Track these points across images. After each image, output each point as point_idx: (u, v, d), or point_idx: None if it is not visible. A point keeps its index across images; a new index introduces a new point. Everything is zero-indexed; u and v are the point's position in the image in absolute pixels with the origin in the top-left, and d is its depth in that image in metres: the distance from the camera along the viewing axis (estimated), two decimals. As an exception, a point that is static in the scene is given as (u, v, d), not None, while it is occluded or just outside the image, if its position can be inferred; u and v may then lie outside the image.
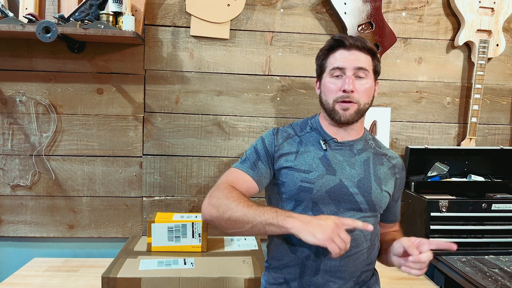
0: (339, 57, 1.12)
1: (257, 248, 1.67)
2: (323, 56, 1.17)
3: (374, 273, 1.24)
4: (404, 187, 1.29)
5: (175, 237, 1.61)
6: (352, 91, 1.10)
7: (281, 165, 1.15)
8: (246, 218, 1.00)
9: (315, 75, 1.57)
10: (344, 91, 1.10)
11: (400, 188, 1.25)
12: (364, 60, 1.12)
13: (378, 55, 1.20)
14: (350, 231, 1.08)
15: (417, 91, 1.90)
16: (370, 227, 1.00)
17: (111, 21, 1.59)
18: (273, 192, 1.20)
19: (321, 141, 1.17)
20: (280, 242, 1.16)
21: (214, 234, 1.87)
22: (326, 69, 1.16)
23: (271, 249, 1.21)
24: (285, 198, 1.15)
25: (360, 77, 1.12)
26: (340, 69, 1.12)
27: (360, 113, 1.14)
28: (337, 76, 1.13)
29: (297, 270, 1.14)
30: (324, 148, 1.15)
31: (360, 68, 1.11)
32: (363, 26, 1.79)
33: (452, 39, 1.89)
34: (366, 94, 1.13)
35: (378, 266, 1.23)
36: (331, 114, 1.14)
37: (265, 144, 1.19)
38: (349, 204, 1.12)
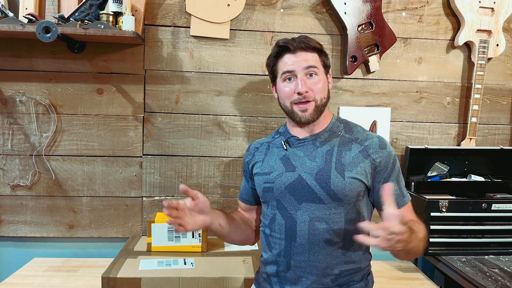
0: (287, 61, 1.17)
1: (257, 248, 1.67)
2: (272, 63, 1.23)
3: (366, 277, 1.21)
4: (395, 165, 1.17)
5: (175, 237, 1.61)
6: (306, 92, 1.15)
7: (254, 173, 1.27)
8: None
9: (315, 64, 1.54)
10: (299, 93, 1.15)
11: (385, 167, 1.16)
12: (311, 58, 1.17)
13: (324, 50, 1.23)
14: (315, 227, 1.12)
15: (417, 91, 1.90)
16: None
17: (111, 21, 1.59)
18: None
19: (282, 142, 1.24)
20: (263, 237, 1.25)
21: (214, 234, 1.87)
22: (278, 75, 1.21)
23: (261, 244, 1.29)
24: (261, 201, 1.27)
25: (311, 75, 1.16)
26: (290, 72, 1.17)
27: (319, 109, 1.18)
28: (289, 79, 1.18)
29: (274, 266, 1.19)
30: (285, 148, 1.22)
31: (309, 67, 1.16)
32: (363, 26, 1.79)
33: (452, 39, 1.89)
34: (321, 90, 1.17)
35: (378, 266, 1.23)
36: (292, 116, 1.21)
37: (244, 163, 1.34)
38: (309, 197, 1.14)
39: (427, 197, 1.68)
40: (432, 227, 1.66)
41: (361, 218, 1.16)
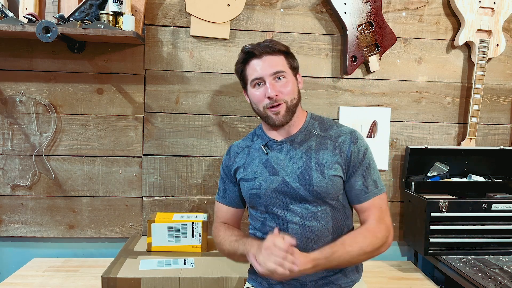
0: (255, 67, 1.19)
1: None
2: (240, 69, 1.25)
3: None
4: (364, 159, 1.19)
5: (175, 237, 1.61)
6: (276, 95, 1.17)
7: (237, 178, 1.29)
8: (230, 254, 1.24)
9: (315, 75, 1.55)
10: (269, 97, 1.17)
11: (355, 162, 1.18)
12: (277, 62, 1.19)
13: (291, 52, 1.24)
14: (306, 225, 1.16)
15: (417, 91, 1.90)
16: (290, 243, 1.03)
17: (111, 21, 1.59)
18: None
19: (261, 146, 1.26)
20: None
21: (214, 234, 1.87)
22: (247, 81, 1.24)
23: None
24: (249, 206, 1.30)
25: (279, 78, 1.19)
26: (259, 78, 1.19)
27: (291, 110, 1.20)
28: (258, 84, 1.20)
29: None
30: (265, 152, 1.24)
31: (276, 73, 1.18)
32: (363, 26, 1.79)
33: (452, 39, 1.89)
34: (290, 91, 1.19)
35: (378, 266, 1.23)
36: (266, 120, 1.23)
37: (223, 168, 1.35)
38: (295, 199, 1.18)
39: (427, 197, 1.68)
40: (432, 227, 1.66)
41: (346, 211, 1.23)
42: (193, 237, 1.61)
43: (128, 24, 1.57)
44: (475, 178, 1.85)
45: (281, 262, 1.00)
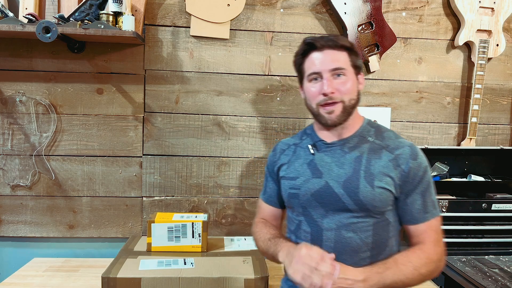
0: (314, 61, 1.12)
1: (257, 248, 1.67)
2: (299, 62, 1.17)
3: None
4: (424, 178, 1.09)
5: (175, 237, 1.61)
6: (332, 92, 1.09)
7: (280, 175, 1.23)
8: (264, 252, 1.20)
9: (342, 65, 1.52)
10: (324, 94, 1.09)
11: (413, 179, 1.09)
12: (338, 58, 1.11)
13: (355, 49, 1.16)
14: (342, 235, 1.08)
15: (417, 91, 1.90)
16: (336, 269, 0.97)
17: (111, 21, 1.59)
18: None
19: (309, 145, 1.19)
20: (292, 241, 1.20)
21: (214, 234, 1.87)
22: (304, 75, 1.16)
23: None
24: (286, 206, 1.24)
25: (338, 75, 1.10)
26: (316, 73, 1.11)
27: (347, 111, 1.12)
28: (315, 79, 1.12)
29: None
30: (312, 152, 1.17)
31: (335, 69, 1.10)
32: (363, 26, 1.79)
33: (452, 39, 1.89)
34: (349, 91, 1.11)
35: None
36: (318, 119, 1.16)
37: (267, 164, 1.30)
38: (336, 206, 1.10)
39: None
40: (432, 227, 1.65)
41: (391, 228, 1.12)
42: (193, 237, 1.61)
43: (128, 24, 1.57)
44: (475, 178, 1.85)
45: (314, 271, 0.95)
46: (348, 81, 1.11)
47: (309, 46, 1.13)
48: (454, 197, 1.75)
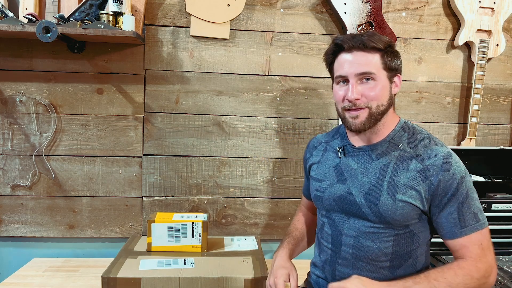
0: (342, 63, 1.06)
1: (257, 248, 1.67)
2: (329, 61, 1.12)
3: None
4: (459, 190, 1.01)
5: (175, 237, 1.61)
6: (357, 99, 1.03)
7: (310, 174, 1.25)
8: None
9: (315, 75, 1.52)
10: (349, 100, 1.04)
11: (444, 192, 1.01)
12: (368, 61, 1.04)
13: (392, 49, 1.09)
14: (361, 243, 1.07)
15: (417, 91, 1.90)
16: None
17: (111, 21, 1.59)
18: None
19: (337, 148, 1.16)
20: (316, 240, 1.25)
21: (214, 234, 1.87)
22: (334, 75, 1.11)
23: None
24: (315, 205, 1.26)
25: (367, 80, 1.04)
26: (343, 76, 1.06)
27: (374, 118, 1.05)
28: (343, 82, 1.08)
29: (321, 272, 1.19)
30: (339, 155, 1.14)
31: (362, 73, 1.04)
32: (363, 26, 1.79)
33: (452, 39, 1.89)
34: (377, 96, 1.04)
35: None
36: (344, 123, 1.11)
37: (303, 159, 1.33)
38: (356, 214, 1.08)
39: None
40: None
41: (416, 239, 1.07)
42: (193, 237, 1.61)
43: (128, 24, 1.57)
44: (475, 178, 1.85)
45: None
46: (377, 86, 1.04)
47: (338, 47, 1.08)
48: (454, 197, 1.75)
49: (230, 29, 1.79)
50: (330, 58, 1.11)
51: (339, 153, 1.14)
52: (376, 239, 1.06)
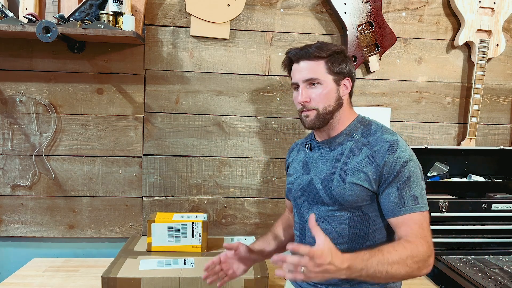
0: (294, 72, 1.20)
1: None
2: (288, 70, 1.26)
3: (385, 285, 1.15)
4: (401, 172, 1.08)
5: (175, 237, 1.61)
6: (306, 101, 1.16)
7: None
8: None
9: (314, 75, 1.49)
10: (300, 103, 1.18)
11: (389, 173, 1.09)
12: (313, 69, 1.16)
13: (340, 55, 1.17)
14: (321, 228, 1.05)
15: (417, 91, 1.90)
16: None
17: (111, 21, 1.59)
18: None
19: (306, 144, 1.28)
20: None
21: (214, 234, 1.87)
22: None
23: None
24: None
25: (313, 84, 1.17)
26: (295, 83, 1.20)
27: (322, 117, 1.17)
28: (296, 88, 1.20)
29: None
30: (307, 151, 1.27)
31: (308, 80, 1.16)
32: (363, 26, 1.79)
33: (452, 39, 1.89)
34: (323, 99, 1.16)
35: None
36: (301, 121, 1.23)
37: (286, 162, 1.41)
38: (316, 199, 1.18)
39: (427, 197, 1.68)
40: (432, 227, 1.64)
41: (372, 222, 1.14)
42: (193, 237, 1.61)
43: (128, 24, 1.57)
44: (475, 178, 1.85)
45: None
46: (323, 90, 1.16)
47: (288, 59, 1.22)
48: (454, 197, 1.75)
49: (230, 29, 1.79)
50: (288, 68, 1.25)
51: (306, 149, 1.27)
52: (333, 222, 1.15)
